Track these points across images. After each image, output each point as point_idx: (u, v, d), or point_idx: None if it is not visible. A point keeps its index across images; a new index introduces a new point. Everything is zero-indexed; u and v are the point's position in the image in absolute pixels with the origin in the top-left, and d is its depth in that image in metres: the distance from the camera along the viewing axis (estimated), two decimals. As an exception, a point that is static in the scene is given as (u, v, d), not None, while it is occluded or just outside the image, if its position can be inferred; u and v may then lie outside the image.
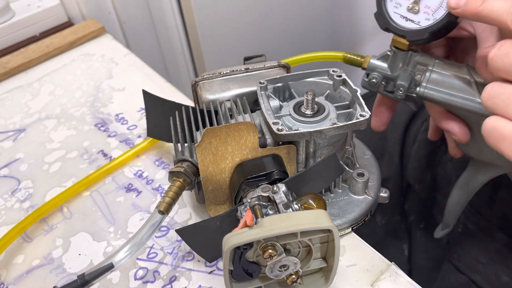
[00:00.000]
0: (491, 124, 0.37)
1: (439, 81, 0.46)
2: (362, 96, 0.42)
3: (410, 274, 0.66)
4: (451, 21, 0.42)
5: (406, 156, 0.72)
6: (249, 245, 0.35)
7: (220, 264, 0.44)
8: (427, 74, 0.46)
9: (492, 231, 0.59)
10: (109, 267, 0.37)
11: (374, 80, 0.48)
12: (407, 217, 0.70)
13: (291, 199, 0.37)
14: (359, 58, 0.51)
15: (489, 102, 0.37)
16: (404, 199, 0.71)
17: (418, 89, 0.47)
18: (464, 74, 0.45)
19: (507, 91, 0.36)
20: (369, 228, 0.55)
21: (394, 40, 0.46)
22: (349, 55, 0.51)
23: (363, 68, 0.50)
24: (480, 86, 0.44)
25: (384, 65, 0.48)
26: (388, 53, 0.48)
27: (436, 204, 0.67)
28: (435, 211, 0.67)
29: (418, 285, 0.41)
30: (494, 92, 0.36)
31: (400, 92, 0.47)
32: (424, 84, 0.46)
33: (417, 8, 0.44)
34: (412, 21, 0.45)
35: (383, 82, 0.49)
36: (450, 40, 0.49)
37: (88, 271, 0.37)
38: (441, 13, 0.43)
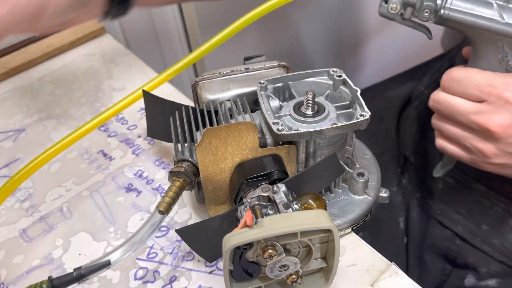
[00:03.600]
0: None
1: (462, 1, 0.45)
2: (361, 95, 0.42)
3: (407, 246, 0.67)
4: None
5: (402, 132, 0.75)
6: (249, 245, 0.35)
7: (220, 264, 0.44)
8: None
9: (469, 183, 0.61)
10: (106, 264, 0.37)
11: (394, 5, 0.47)
12: (404, 188, 0.72)
13: (291, 199, 0.37)
14: None
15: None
16: (402, 171, 0.73)
17: (442, 11, 0.46)
18: None
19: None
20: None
21: None
22: None
23: None
24: (500, 8, 0.44)
25: None
26: None
27: (429, 174, 0.70)
28: (428, 181, 0.69)
29: (418, 285, 0.41)
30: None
31: (426, 14, 0.46)
32: (449, 6, 0.45)
33: None
34: None
35: (401, 10, 0.48)
36: None
37: (85, 265, 0.37)
38: None
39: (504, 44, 0.46)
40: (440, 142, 0.51)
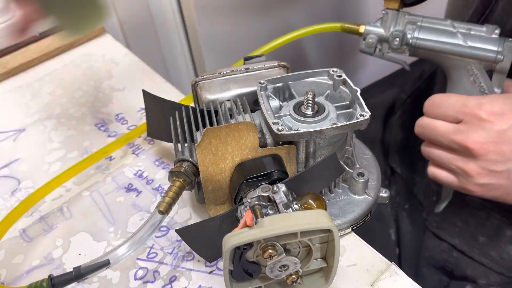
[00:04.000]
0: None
1: (428, 32, 0.53)
2: (362, 95, 0.42)
3: (399, 257, 0.68)
4: None
5: (387, 143, 0.77)
6: (249, 245, 0.35)
7: (220, 264, 0.44)
8: (417, 30, 0.53)
9: (463, 195, 0.61)
10: (106, 263, 0.38)
11: (370, 40, 0.55)
12: (392, 200, 0.73)
13: (291, 199, 0.37)
14: (355, 26, 0.56)
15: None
16: (389, 182, 0.74)
17: (411, 41, 0.53)
18: (449, 27, 0.52)
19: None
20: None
21: (387, 2, 0.53)
22: (346, 25, 0.57)
23: (359, 34, 0.56)
24: (463, 35, 0.51)
25: (379, 28, 0.55)
26: (382, 12, 0.54)
27: (416, 184, 0.71)
28: (415, 190, 0.70)
29: (418, 285, 0.41)
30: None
31: (396, 43, 0.53)
32: (416, 36, 0.53)
33: None
34: None
35: (378, 46, 0.55)
36: None
37: (84, 265, 0.37)
38: None
39: (472, 66, 0.51)
40: (431, 170, 0.52)
